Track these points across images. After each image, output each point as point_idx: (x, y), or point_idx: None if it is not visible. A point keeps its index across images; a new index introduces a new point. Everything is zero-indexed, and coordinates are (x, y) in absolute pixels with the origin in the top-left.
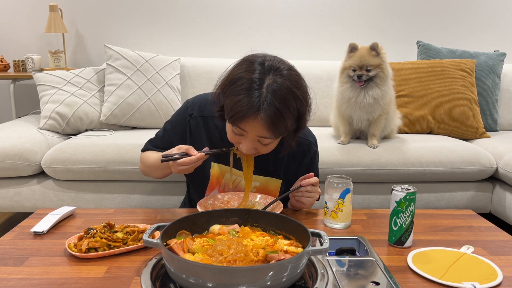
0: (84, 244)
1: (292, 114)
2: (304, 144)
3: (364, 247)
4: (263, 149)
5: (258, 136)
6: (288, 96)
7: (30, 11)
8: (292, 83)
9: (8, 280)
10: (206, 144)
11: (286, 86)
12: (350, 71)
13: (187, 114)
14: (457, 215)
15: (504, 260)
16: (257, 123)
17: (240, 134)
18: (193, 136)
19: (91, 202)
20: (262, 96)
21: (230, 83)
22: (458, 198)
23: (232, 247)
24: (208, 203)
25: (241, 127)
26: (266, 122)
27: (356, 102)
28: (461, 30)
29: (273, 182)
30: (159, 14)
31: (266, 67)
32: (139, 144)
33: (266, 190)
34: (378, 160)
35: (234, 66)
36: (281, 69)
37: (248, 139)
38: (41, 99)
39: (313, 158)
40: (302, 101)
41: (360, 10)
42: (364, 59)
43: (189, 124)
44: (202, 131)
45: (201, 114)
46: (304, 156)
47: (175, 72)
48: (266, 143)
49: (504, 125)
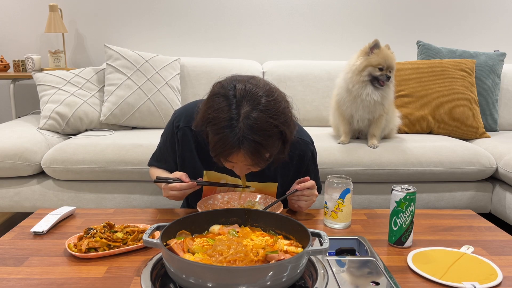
0: (84, 244)
1: (274, 140)
2: (300, 145)
3: (364, 247)
4: (257, 168)
5: (246, 165)
6: (267, 127)
7: (30, 11)
8: (269, 113)
9: (8, 280)
10: (195, 154)
11: (262, 118)
12: (376, 70)
13: (174, 126)
14: (457, 215)
15: (504, 260)
16: (241, 157)
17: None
18: (182, 147)
19: (91, 202)
20: (240, 133)
21: (207, 122)
22: (458, 198)
23: (232, 247)
24: (208, 203)
25: (228, 160)
26: (249, 156)
27: (362, 100)
28: (461, 30)
29: (270, 187)
30: (159, 14)
31: (238, 99)
32: (139, 144)
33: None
34: (378, 160)
35: (208, 103)
36: (255, 97)
37: (238, 166)
38: (41, 99)
39: (312, 158)
40: (283, 124)
41: (360, 10)
42: (392, 60)
43: (177, 136)
44: (190, 141)
45: (187, 125)
46: (303, 158)
47: (175, 72)
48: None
49: (504, 125)
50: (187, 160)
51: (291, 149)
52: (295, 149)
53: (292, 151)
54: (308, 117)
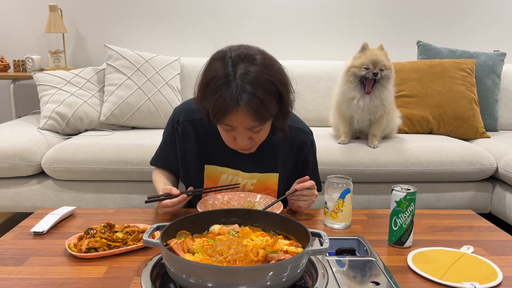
0: (84, 244)
1: (272, 97)
2: (300, 134)
3: (364, 247)
4: (257, 137)
5: (246, 128)
6: (264, 81)
7: (30, 11)
8: (265, 67)
9: (8, 280)
10: (195, 149)
11: (259, 72)
12: (362, 70)
13: (174, 122)
14: (457, 215)
15: (504, 260)
16: (240, 115)
17: (231, 130)
18: (183, 142)
19: (91, 202)
20: (238, 88)
21: (205, 85)
22: (458, 198)
23: (232, 247)
24: (208, 203)
25: (227, 123)
26: (248, 112)
27: (359, 105)
28: (461, 30)
29: (271, 177)
30: (159, 14)
31: (234, 59)
32: (139, 144)
33: (264, 186)
34: (378, 160)
35: (205, 68)
36: (251, 55)
37: (239, 132)
38: (41, 99)
39: (311, 148)
40: (279, 82)
41: (360, 10)
42: (379, 57)
43: (177, 131)
44: (190, 135)
45: (187, 119)
46: (302, 148)
47: (175, 72)
48: (257, 131)
49: (504, 125)
50: (188, 155)
51: (291, 139)
52: (295, 138)
53: (292, 140)
54: (308, 117)
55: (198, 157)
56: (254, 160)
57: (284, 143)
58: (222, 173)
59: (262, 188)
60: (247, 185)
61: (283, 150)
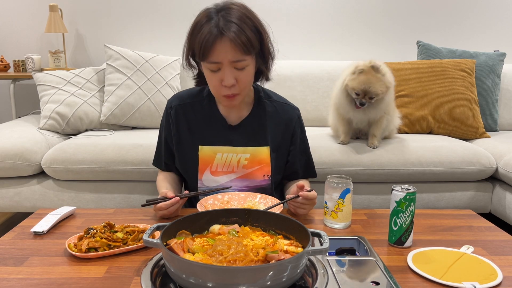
0: (84, 244)
1: (252, 31)
2: (286, 109)
3: (364, 247)
4: (242, 78)
5: (231, 62)
6: (243, 16)
7: (30, 11)
8: (244, 9)
9: (8, 280)
10: (189, 131)
11: (239, 10)
12: (353, 93)
13: (167, 108)
14: (457, 215)
15: (504, 260)
16: (224, 46)
17: (218, 70)
18: (177, 125)
19: (91, 202)
20: (220, 21)
21: (191, 33)
22: (458, 198)
23: (232, 247)
24: (208, 203)
25: (213, 59)
26: (231, 40)
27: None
28: (461, 30)
29: (263, 151)
30: (159, 14)
31: (218, 7)
32: (139, 144)
33: (258, 160)
34: (378, 160)
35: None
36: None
37: (225, 68)
38: (41, 99)
39: (298, 121)
40: (258, 23)
41: (360, 10)
42: (370, 86)
43: (171, 116)
44: (183, 118)
45: (179, 103)
46: (289, 121)
47: (175, 72)
48: (242, 67)
49: (504, 125)
50: (182, 137)
51: (278, 114)
52: (282, 113)
53: (279, 115)
54: (308, 117)
55: (192, 138)
56: (246, 135)
57: (272, 118)
58: (217, 153)
59: (256, 162)
60: (241, 160)
61: (272, 124)
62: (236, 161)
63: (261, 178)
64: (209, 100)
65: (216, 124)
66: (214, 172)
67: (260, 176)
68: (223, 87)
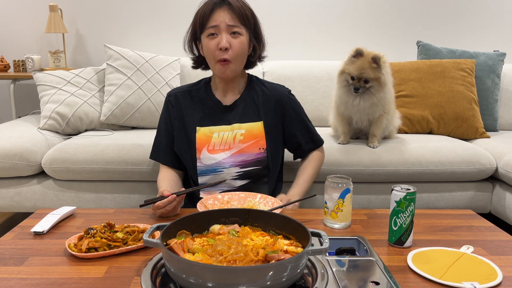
0: (84, 244)
1: (247, 7)
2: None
3: (364, 247)
4: (236, 43)
5: (228, 26)
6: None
7: (30, 11)
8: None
9: (8, 280)
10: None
11: None
12: (349, 78)
13: (167, 97)
14: (457, 215)
15: (504, 260)
16: (223, 11)
17: (215, 34)
18: (177, 110)
19: (91, 202)
20: None
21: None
22: (458, 198)
23: (232, 247)
24: (208, 203)
25: (212, 23)
26: (230, 7)
27: (353, 106)
28: (461, 30)
29: (257, 125)
30: (159, 14)
31: None
32: (139, 144)
33: (253, 135)
34: (378, 160)
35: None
36: None
37: (221, 33)
38: (41, 99)
39: (288, 99)
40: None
41: (360, 10)
42: (364, 71)
43: (170, 103)
44: (181, 103)
45: (178, 91)
46: (280, 98)
47: (175, 72)
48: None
49: (504, 125)
50: (182, 120)
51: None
52: (273, 93)
53: (270, 95)
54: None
55: (190, 121)
56: (240, 113)
57: (263, 96)
58: (214, 132)
59: (251, 137)
60: (237, 136)
61: (263, 102)
62: (232, 138)
63: (257, 151)
64: (205, 88)
65: (212, 106)
66: (212, 150)
67: (256, 149)
68: (218, 50)
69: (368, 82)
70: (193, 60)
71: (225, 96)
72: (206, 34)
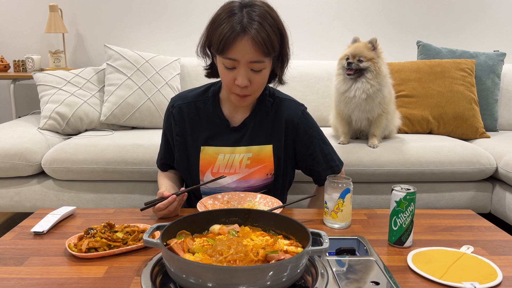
0: (84, 244)
1: (275, 34)
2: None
3: (364, 247)
4: (256, 80)
5: (249, 62)
6: (267, 15)
7: (30, 11)
8: (268, 7)
9: (8, 280)
10: (191, 130)
11: (263, 7)
12: (344, 61)
13: (170, 107)
14: (457, 215)
15: (504, 260)
16: (245, 44)
17: (233, 67)
18: (179, 125)
19: (91, 202)
20: (243, 19)
21: (212, 23)
22: (458, 198)
23: (232, 247)
24: (208, 203)
25: (231, 55)
26: (253, 40)
27: (350, 98)
28: (461, 30)
29: (265, 149)
30: (159, 14)
31: (242, 2)
32: (139, 144)
33: (261, 159)
34: (378, 160)
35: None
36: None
37: (240, 68)
38: (41, 99)
39: (303, 117)
40: (281, 24)
41: (360, 10)
42: (359, 50)
43: (173, 115)
44: (186, 117)
45: (181, 103)
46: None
47: (175, 72)
48: (258, 69)
49: (504, 125)
50: (184, 137)
51: (280, 111)
52: (284, 110)
53: (281, 112)
54: None
55: (194, 139)
56: (248, 135)
57: (273, 115)
58: (219, 153)
59: (258, 161)
60: (244, 160)
61: (273, 122)
62: (238, 161)
63: (264, 177)
64: (213, 101)
65: (219, 126)
66: (216, 173)
67: (263, 175)
68: (235, 85)
69: (361, 62)
70: (206, 69)
71: (235, 112)
72: (223, 60)
